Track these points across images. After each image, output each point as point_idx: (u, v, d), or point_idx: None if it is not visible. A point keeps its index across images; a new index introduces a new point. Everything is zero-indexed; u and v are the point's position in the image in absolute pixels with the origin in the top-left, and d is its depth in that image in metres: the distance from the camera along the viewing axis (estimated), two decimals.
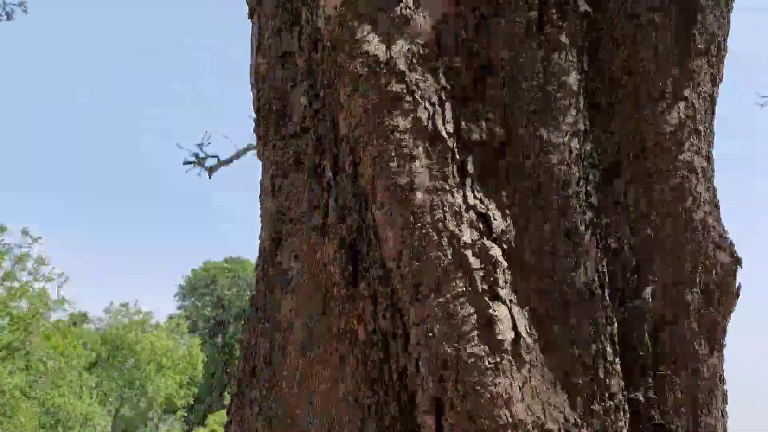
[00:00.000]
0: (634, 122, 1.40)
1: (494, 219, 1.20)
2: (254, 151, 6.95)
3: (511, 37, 1.32)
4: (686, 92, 1.40)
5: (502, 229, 1.20)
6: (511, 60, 1.31)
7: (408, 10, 1.35)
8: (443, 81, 1.29)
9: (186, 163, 9.84)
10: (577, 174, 1.26)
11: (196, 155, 9.87)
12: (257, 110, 1.61)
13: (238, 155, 9.86)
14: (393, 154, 1.21)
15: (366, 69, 1.30)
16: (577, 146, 1.28)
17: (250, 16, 1.71)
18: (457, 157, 1.24)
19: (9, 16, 8.18)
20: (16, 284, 16.47)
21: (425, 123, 1.24)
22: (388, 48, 1.32)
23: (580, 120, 1.30)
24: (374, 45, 1.33)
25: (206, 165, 9.91)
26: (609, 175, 1.34)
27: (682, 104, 1.39)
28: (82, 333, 22.08)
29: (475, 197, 1.21)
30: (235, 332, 30.99)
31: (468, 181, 1.22)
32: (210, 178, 9.91)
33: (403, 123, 1.23)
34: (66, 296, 18.12)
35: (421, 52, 1.31)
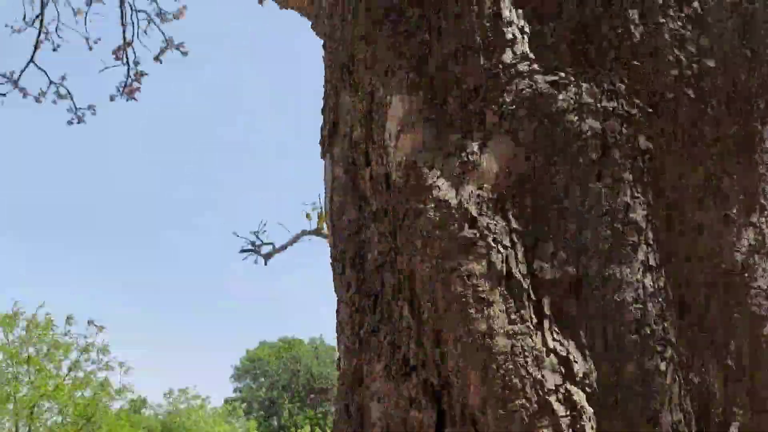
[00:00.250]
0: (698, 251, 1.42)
1: (575, 362, 1.22)
2: (308, 237, 7.08)
3: (576, 177, 1.38)
4: (753, 218, 1.43)
5: (584, 372, 1.22)
6: (577, 199, 1.37)
7: (474, 156, 1.44)
8: (513, 223, 1.36)
9: (243, 251, 10.13)
10: (653, 311, 1.29)
11: (253, 243, 10.16)
12: (334, 246, 1.70)
13: (292, 242, 10.10)
14: (470, 300, 1.27)
15: (438, 215, 1.38)
16: (651, 283, 1.31)
17: (323, 155, 1.83)
18: (533, 298, 1.28)
19: (80, 119, 8.74)
20: (80, 374, 16.91)
21: (499, 267, 1.29)
22: (458, 193, 1.40)
23: (651, 255, 1.34)
24: (444, 191, 1.41)
25: (262, 252, 10.16)
26: (683, 309, 1.36)
27: (750, 230, 1.41)
28: (142, 419, 22.27)
29: (554, 339, 1.24)
30: (290, 414, 30.66)
31: (546, 323, 1.26)
32: (266, 264, 10.15)
33: (478, 268, 1.29)
34: (126, 382, 18.52)
35: (490, 195, 1.39)
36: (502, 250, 1.31)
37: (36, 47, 8.11)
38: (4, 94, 8.18)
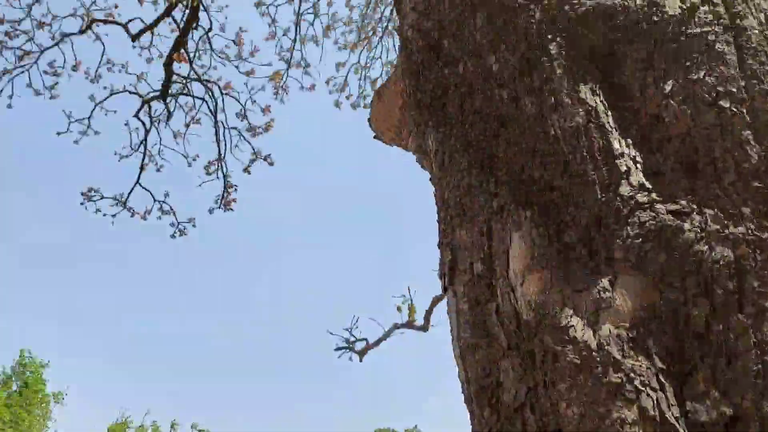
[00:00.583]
0: None
1: None
2: (400, 331, 7.05)
3: (715, 310, 1.37)
4: None
5: None
6: (720, 333, 1.35)
7: (606, 293, 1.46)
8: (658, 363, 1.35)
9: (338, 348, 10.20)
10: None
11: (347, 340, 10.23)
12: (467, 383, 1.72)
13: (386, 336, 10.10)
14: None
15: (577, 358, 1.39)
16: None
17: (444, 290, 1.89)
18: None
19: (182, 232, 9.28)
20: None
21: (652, 412, 1.28)
22: (596, 334, 1.41)
23: None
24: (580, 331, 1.43)
25: (356, 349, 10.20)
26: None
27: None
28: None
29: None
30: None
31: None
32: (361, 361, 10.16)
33: (629, 415, 1.29)
34: None
35: (629, 334, 1.39)
36: (651, 393, 1.30)
37: (141, 170, 8.82)
38: (114, 215, 8.87)
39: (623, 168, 1.62)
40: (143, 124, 8.42)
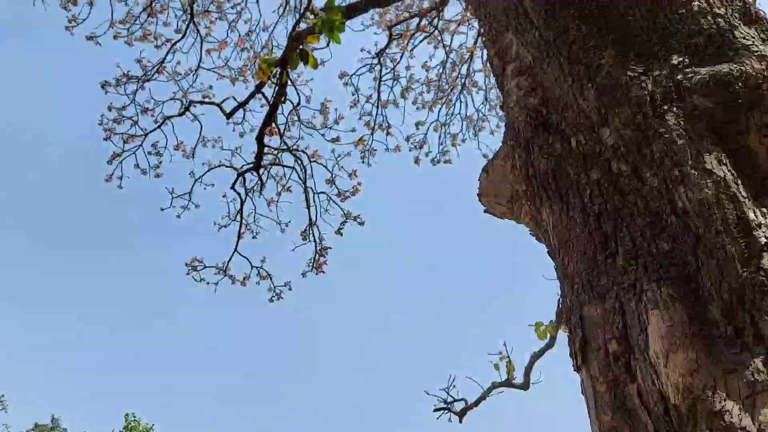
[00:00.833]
0: None
1: None
2: (499, 390, 6.82)
3: None
4: None
5: None
6: None
7: (761, 374, 1.40)
8: None
9: (436, 409, 10.04)
10: None
11: (445, 401, 10.06)
12: None
13: (485, 396, 9.87)
14: None
15: None
16: None
17: (577, 369, 1.86)
18: None
19: (278, 296, 9.52)
20: None
21: None
22: (755, 419, 1.35)
23: None
24: (737, 416, 1.37)
25: (455, 410, 10.00)
26: None
27: None
28: None
29: None
30: None
31: None
32: (461, 422, 9.94)
33: None
34: None
35: None
36: None
37: (239, 238, 9.20)
38: (216, 283, 9.25)
39: (762, 240, 1.57)
40: (239, 195, 8.82)
